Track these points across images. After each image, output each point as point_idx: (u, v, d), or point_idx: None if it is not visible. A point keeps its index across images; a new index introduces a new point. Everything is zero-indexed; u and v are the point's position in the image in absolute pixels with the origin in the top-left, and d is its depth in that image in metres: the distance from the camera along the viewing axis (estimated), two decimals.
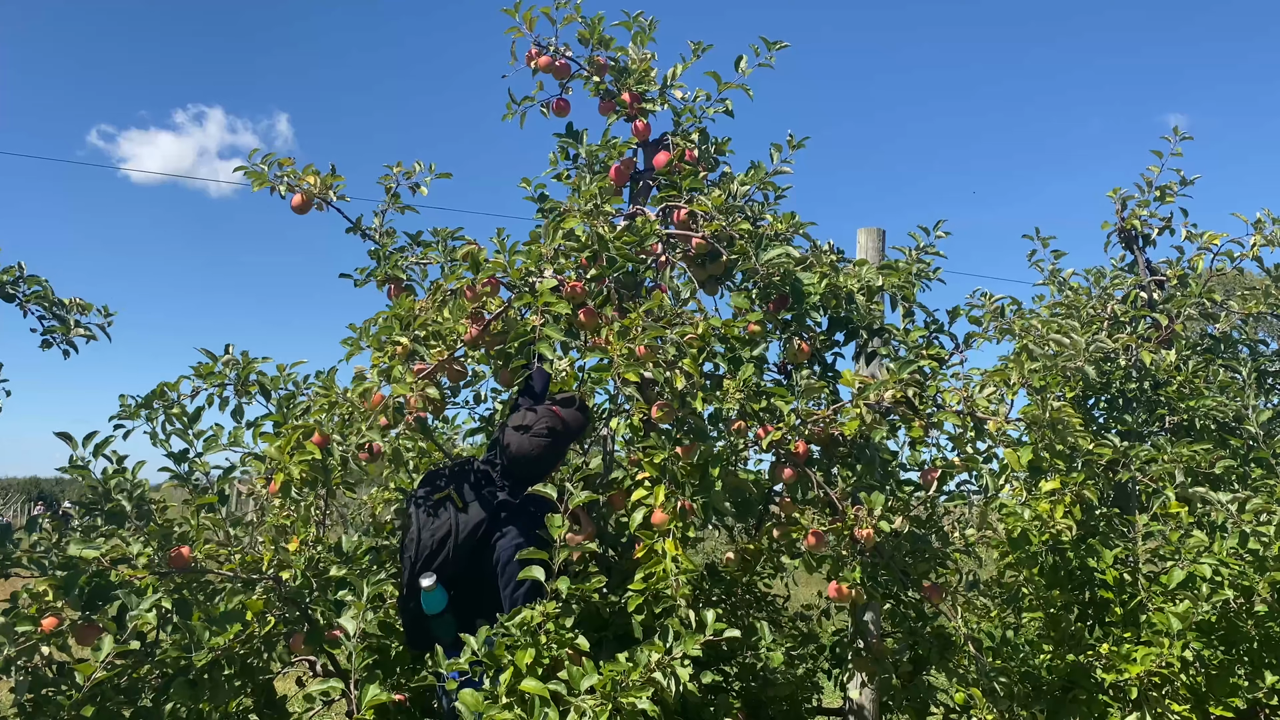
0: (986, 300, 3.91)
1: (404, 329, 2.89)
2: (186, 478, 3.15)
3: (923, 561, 3.40)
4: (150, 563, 2.92)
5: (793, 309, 3.26)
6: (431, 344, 2.91)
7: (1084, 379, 4.03)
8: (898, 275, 3.37)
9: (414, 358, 2.90)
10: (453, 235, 3.48)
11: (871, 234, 4.11)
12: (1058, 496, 3.52)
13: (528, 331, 2.82)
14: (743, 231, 3.16)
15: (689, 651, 2.41)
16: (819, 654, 3.99)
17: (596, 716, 2.29)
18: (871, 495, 3.03)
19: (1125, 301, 4.40)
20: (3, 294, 3.23)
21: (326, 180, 3.45)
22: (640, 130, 3.61)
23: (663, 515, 2.76)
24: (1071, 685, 3.75)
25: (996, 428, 3.06)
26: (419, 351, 2.88)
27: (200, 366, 3.22)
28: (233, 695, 3.15)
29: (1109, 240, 4.66)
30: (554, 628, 2.53)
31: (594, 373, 2.81)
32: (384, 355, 2.85)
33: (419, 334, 2.88)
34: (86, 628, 2.82)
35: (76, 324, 3.26)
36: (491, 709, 2.34)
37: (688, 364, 2.82)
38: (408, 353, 2.86)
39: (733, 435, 3.02)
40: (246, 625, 3.07)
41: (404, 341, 2.84)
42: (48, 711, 2.69)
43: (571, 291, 2.92)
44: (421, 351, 2.88)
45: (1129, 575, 3.88)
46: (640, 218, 3.22)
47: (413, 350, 2.87)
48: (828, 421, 3.09)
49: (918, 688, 3.72)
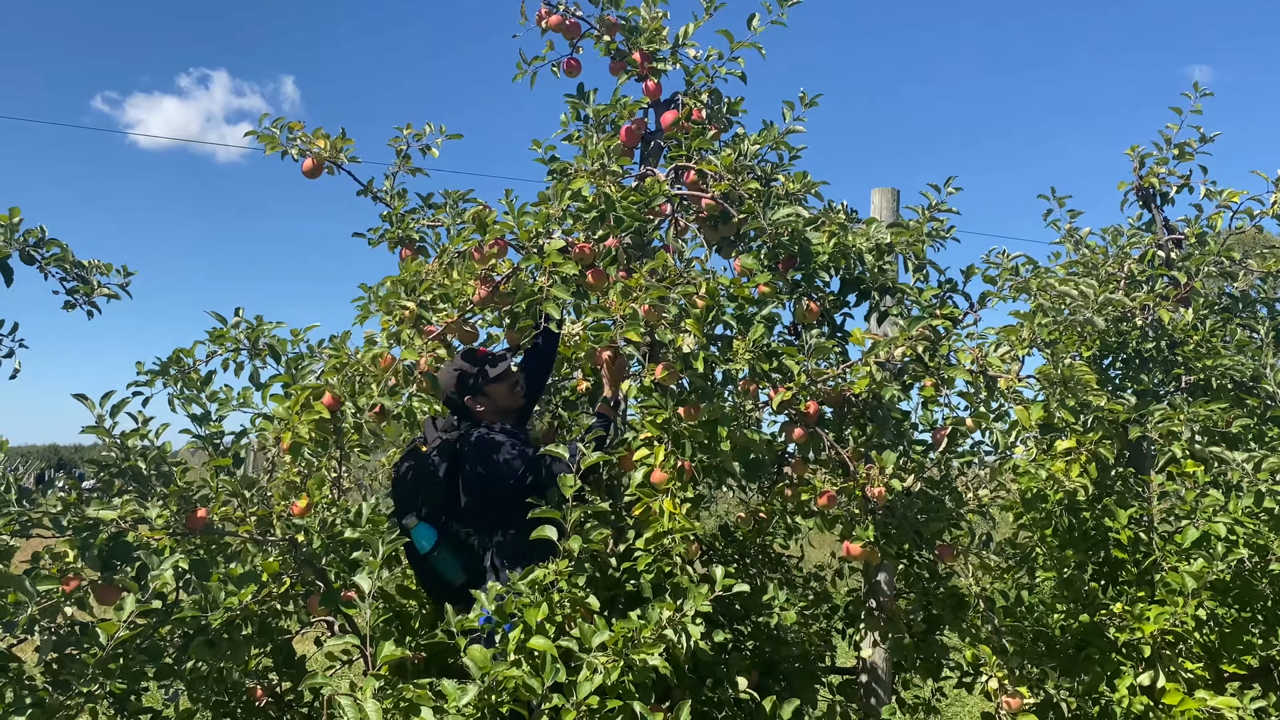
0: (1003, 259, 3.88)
1: (409, 293, 2.90)
2: (206, 440, 3.18)
3: (936, 521, 3.40)
4: (167, 524, 2.96)
5: (802, 268, 3.24)
6: (439, 307, 2.91)
7: (1100, 338, 4.01)
8: (909, 233, 3.35)
9: (421, 321, 2.91)
10: (463, 197, 3.48)
11: (886, 194, 4.07)
12: (1073, 456, 3.52)
13: (535, 292, 2.82)
14: (751, 191, 3.14)
15: (699, 608, 2.43)
16: (832, 614, 4.01)
17: (609, 673, 2.32)
18: (883, 454, 3.03)
19: (1142, 260, 4.35)
20: (25, 257, 3.26)
21: (336, 144, 3.45)
22: (651, 90, 3.58)
23: (662, 474, 2.78)
24: (1085, 644, 3.76)
25: (1008, 385, 3.05)
26: (425, 315, 2.89)
27: (214, 331, 3.24)
28: (251, 654, 3.21)
29: (1126, 199, 4.60)
30: (566, 586, 2.55)
31: (594, 332, 2.81)
32: (392, 319, 2.86)
33: (425, 298, 2.89)
34: (107, 588, 2.87)
35: (99, 284, 3.30)
36: (499, 666, 2.36)
37: (690, 324, 2.82)
38: (414, 317, 2.87)
39: (741, 396, 3.02)
40: (263, 586, 3.11)
41: (410, 306, 2.85)
42: (72, 670, 2.74)
43: (580, 253, 2.92)
44: (428, 315, 2.89)
45: (1143, 535, 3.87)
46: (649, 178, 3.20)
47: (419, 314, 2.88)
48: (838, 380, 3.08)
49: (931, 646, 3.74)
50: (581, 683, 2.31)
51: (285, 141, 3.44)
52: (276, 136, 3.42)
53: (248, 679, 3.28)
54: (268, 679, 3.34)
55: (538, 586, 2.54)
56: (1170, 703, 3.43)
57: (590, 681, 2.31)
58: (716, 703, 3.10)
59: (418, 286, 2.91)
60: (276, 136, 3.42)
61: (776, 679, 3.49)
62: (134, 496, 2.96)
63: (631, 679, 2.36)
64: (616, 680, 2.31)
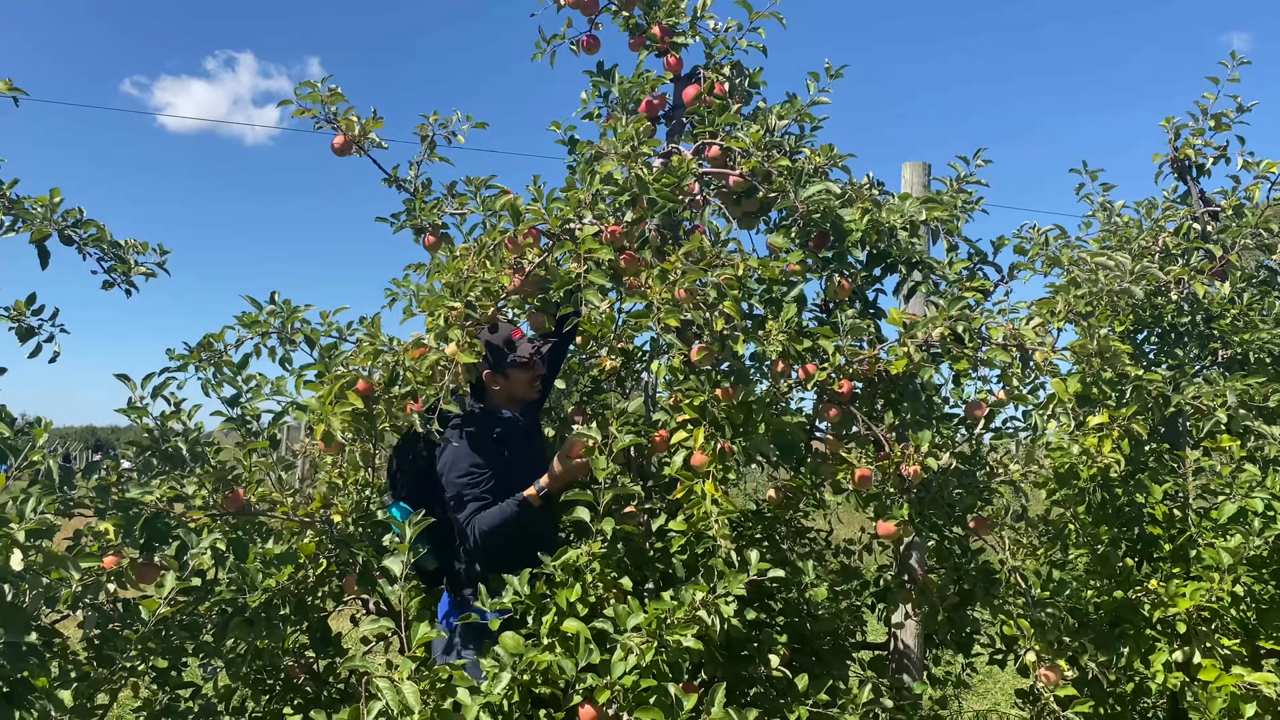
0: (1034, 233, 3.84)
1: (455, 294, 2.90)
2: (240, 422, 3.21)
3: (969, 496, 3.38)
4: (205, 504, 3.01)
5: (834, 247, 3.22)
6: (484, 303, 2.93)
7: (1134, 312, 3.96)
8: (943, 209, 3.32)
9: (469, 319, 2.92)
10: (485, 184, 3.46)
11: (916, 168, 4.03)
12: (1106, 431, 3.49)
13: (572, 279, 2.81)
14: (781, 168, 3.11)
15: (733, 590, 2.44)
16: (863, 589, 4.01)
17: (643, 653, 2.33)
18: (919, 432, 3.02)
19: (1177, 233, 4.28)
20: (63, 238, 3.31)
21: (366, 124, 3.45)
22: (673, 66, 3.54)
23: (702, 457, 2.77)
24: (1119, 621, 3.74)
25: (1043, 358, 3.02)
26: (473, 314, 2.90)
27: (244, 316, 3.26)
28: (289, 633, 3.26)
29: (1160, 171, 4.53)
30: (599, 567, 2.57)
31: (633, 318, 2.80)
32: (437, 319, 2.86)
33: (470, 297, 2.90)
34: (147, 566, 2.92)
35: (136, 263, 3.34)
36: (531, 652, 2.38)
37: (728, 306, 2.80)
38: (462, 315, 2.88)
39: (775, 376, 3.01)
40: (300, 566, 3.16)
41: (458, 307, 2.86)
42: (115, 645, 2.80)
43: (611, 236, 2.91)
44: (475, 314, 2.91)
45: (1178, 511, 3.84)
46: (676, 157, 3.18)
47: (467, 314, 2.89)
48: (873, 360, 3.06)
49: (962, 622, 3.73)
50: (616, 663, 2.33)
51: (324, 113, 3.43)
52: (315, 109, 3.42)
53: (285, 657, 3.33)
54: (305, 657, 3.39)
55: (571, 568, 2.56)
56: (1206, 679, 3.41)
57: (624, 662, 2.32)
58: (749, 680, 3.12)
59: (463, 286, 2.91)
60: (315, 109, 3.42)
61: (808, 655, 3.50)
62: (172, 477, 3.01)
63: (665, 659, 2.37)
64: (651, 661, 2.33)
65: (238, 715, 3.23)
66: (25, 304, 3.46)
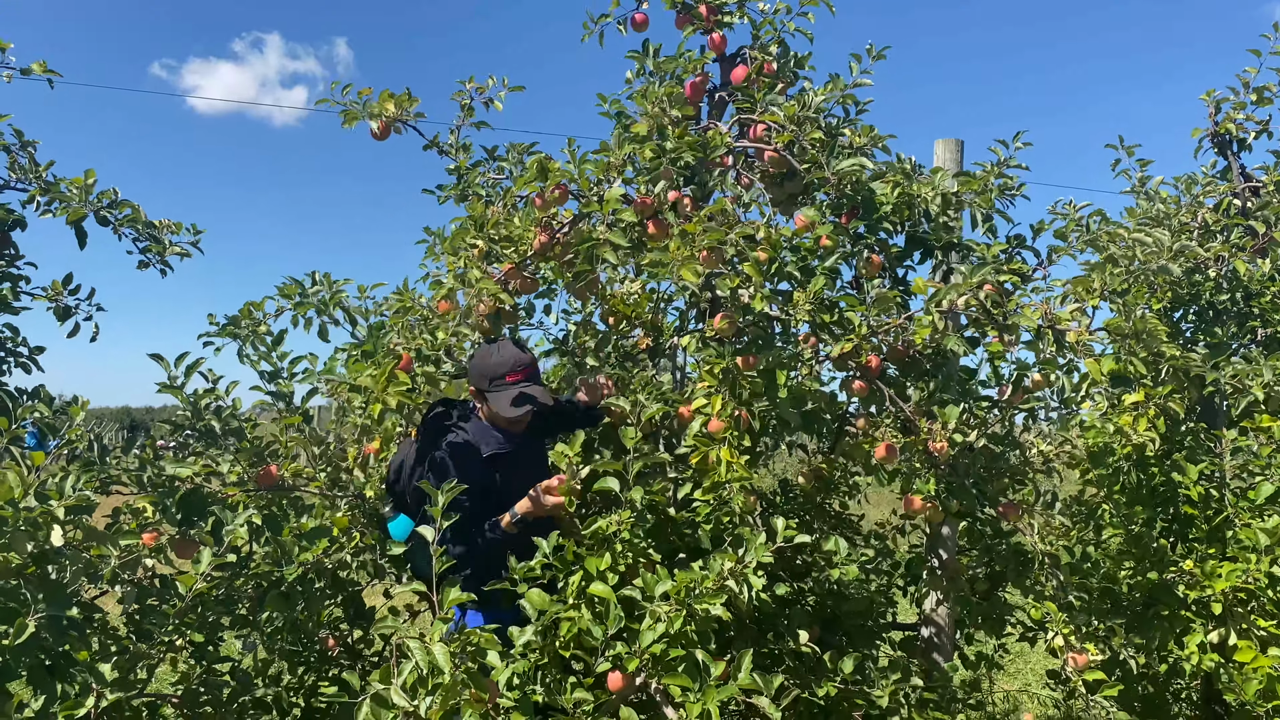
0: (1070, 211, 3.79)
1: (479, 230, 2.92)
2: (276, 397, 3.25)
3: (1000, 478, 3.36)
4: (240, 480, 3.05)
5: (864, 220, 3.20)
6: (505, 247, 2.93)
7: (1171, 290, 3.91)
8: (975, 183, 3.28)
9: (490, 258, 2.93)
10: (528, 150, 3.49)
11: (949, 145, 3.98)
12: (1141, 410, 3.45)
13: (592, 239, 2.82)
14: (815, 141, 3.10)
15: (760, 559, 2.44)
16: (893, 570, 4.00)
17: (671, 621, 2.34)
18: (946, 408, 3.00)
19: (1217, 210, 4.21)
20: (100, 219, 3.37)
21: (402, 102, 3.47)
22: (716, 43, 3.53)
23: (719, 423, 2.78)
24: (1153, 601, 3.70)
25: (1078, 338, 2.99)
26: (495, 251, 2.91)
27: (284, 287, 3.30)
28: (324, 606, 3.30)
29: (1200, 146, 4.45)
30: (629, 536, 2.58)
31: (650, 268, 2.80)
32: (459, 260, 2.88)
33: (493, 235, 2.91)
34: (184, 542, 2.96)
35: (170, 243, 3.40)
36: (555, 607, 2.40)
37: (748, 268, 2.80)
38: (483, 253, 2.89)
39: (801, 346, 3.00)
40: (334, 540, 3.20)
41: (480, 244, 2.87)
42: (153, 620, 2.85)
43: (641, 205, 2.91)
44: (497, 251, 2.91)
45: (1214, 491, 3.79)
46: (712, 130, 3.17)
47: (489, 250, 2.90)
48: (900, 331, 3.04)
49: (994, 604, 3.71)
50: (644, 631, 2.35)
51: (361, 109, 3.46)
52: (356, 110, 3.44)
53: (320, 630, 3.37)
54: (339, 630, 3.43)
55: (600, 537, 2.57)
56: (1242, 660, 3.37)
57: (653, 630, 2.34)
58: (777, 655, 3.12)
59: (485, 224, 2.93)
60: (356, 110, 3.44)
61: (837, 634, 3.49)
62: (208, 455, 3.05)
63: (694, 628, 2.38)
64: (679, 629, 2.34)
65: (274, 687, 3.28)
66: (62, 284, 3.53)
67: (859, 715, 2.93)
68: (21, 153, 3.34)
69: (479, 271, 2.84)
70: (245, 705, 3.12)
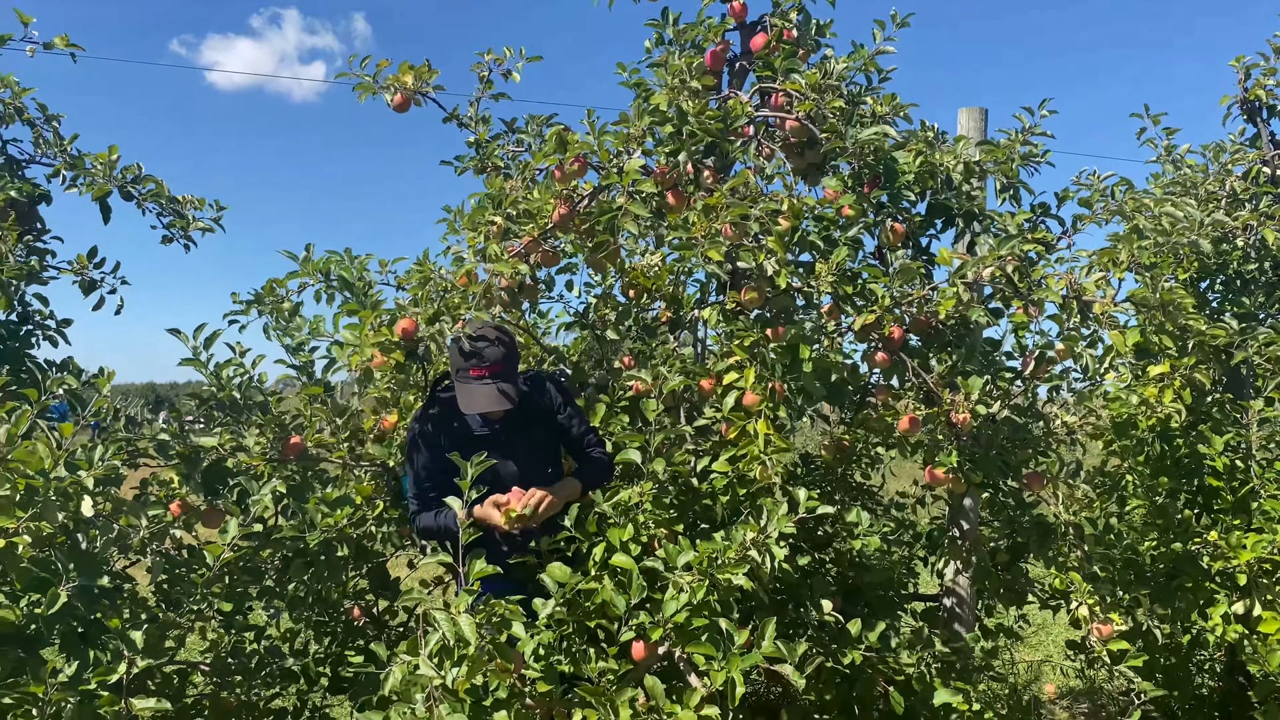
0: (1095, 180, 3.74)
1: (496, 207, 2.92)
2: (300, 370, 3.28)
3: (1022, 449, 3.35)
4: (265, 451, 3.08)
5: (886, 188, 3.17)
6: (523, 222, 2.93)
7: (1199, 259, 3.86)
8: (999, 151, 3.24)
9: (509, 235, 2.93)
10: (546, 122, 3.49)
11: (973, 114, 3.94)
12: (1166, 381, 3.42)
13: (613, 210, 2.82)
14: (836, 109, 3.07)
15: (783, 529, 2.44)
16: (915, 541, 4.00)
17: (694, 591, 2.36)
18: (969, 379, 2.99)
19: (1246, 178, 4.15)
20: (124, 194, 3.39)
21: (421, 73, 3.46)
22: (737, 11, 3.48)
23: (754, 396, 2.77)
24: (1177, 573, 3.69)
25: (1103, 310, 2.96)
26: (512, 229, 2.91)
27: (308, 264, 3.31)
28: (348, 576, 3.34)
29: (1229, 113, 4.39)
30: (650, 507, 2.59)
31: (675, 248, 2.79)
32: (478, 235, 2.88)
33: (511, 212, 2.91)
34: (212, 512, 3.00)
35: (194, 219, 3.42)
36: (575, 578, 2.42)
37: (772, 242, 2.78)
38: (502, 230, 2.89)
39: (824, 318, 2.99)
40: (357, 509, 3.23)
41: (498, 220, 2.87)
42: (181, 589, 2.89)
43: (661, 176, 2.90)
44: (514, 229, 2.91)
45: (1240, 462, 3.76)
46: (732, 100, 3.14)
47: (506, 228, 2.90)
48: (923, 302, 3.03)
49: (1015, 575, 3.71)
50: (667, 601, 2.36)
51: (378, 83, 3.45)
52: (370, 82, 3.43)
53: (346, 600, 3.41)
54: (365, 600, 3.47)
55: (622, 508, 2.58)
56: (1267, 631, 3.36)
57: (676, 600, 2.35)
58: (800, 625, 3.13)
59: (503, 200, 2.92)
60: (370, 82, 3.43)
61: (859, 604, 3.50)
62: (232, 424, 3.08)
63: (716, 598, 2.39)
64: (702, 599, 2.35)
65: (301, 657, 3.33)
66: (87, 258, 3.55)
67: (883, 682, 2.94)
68: (46, 127, 3.36)
69: (498, 247, 2.83)
70: (273, 674, 3.16)
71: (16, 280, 3.30)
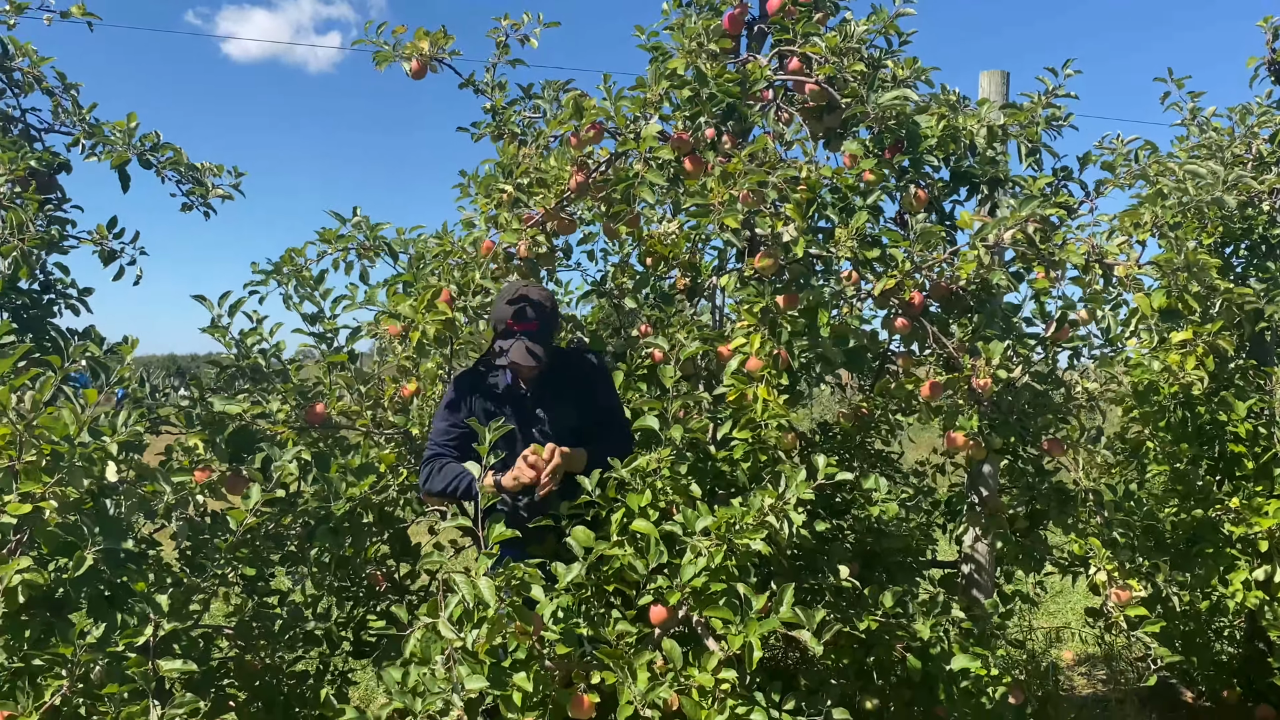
0: (1118, 144, 3.70)
1: (507, 176, 2.92)
2: (320, 338, 3.30)
3: (1042, 415, 3.33)
4: (288, 418, 3.11)
5: (909, 153, 3.15)
6: (535, 191, 2.92)
7: (1224, 224, 3.82)
8: (1022, 115, 3.20)
9: (519, 205, 2.92)
10: (563, 88, 3.47)
11: (995, 77, 3.88)
12: (1189, 348, 3.39)
13: (630, 177, 2.80)
14: (856, 73, 3.04)
15: (801, 495, 2.45)
16: (933, 509, 4.00)
17: (712, 556, 2.37)
18: (990, 344, 2.97)
19: (1273, 141, 4.09)
20: (143, 162, 3.40)
21: (437, 40, 3.44)
22: None
23: (757, 362, 2.76)
24: (1197, 539, 3.68)
25: (1126, 272, 2.93)
26: (522, 199, 2.90)
27: (324, 231, 3.32)
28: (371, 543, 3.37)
29: (1256, 75, 4.31)
30: (669, 473, 2.60)
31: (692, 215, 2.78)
32: (491, 203, 2.88)
33: (523, 181, 2.90)
34: (235, 478, 3.03)
35: (213, 186, 3.43)
36: (601, 545, 2.43)
37: (790, 209, 2.76)
38: (512, 199, 2.89)
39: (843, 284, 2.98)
40: (380, 477, 3.25)
41: (508, 189, 2.87)
42: (205, 554, 2.92)
43: (678, 141, 2.88)
44: (524, 198, 2.90)
45: (1263, 428, 3.74)
46: (751, 64, 3.11)
47: (517, 197, 2.89)
48: (945, 266, 3.01)
49: (1034, 542, 3.71)
50: (685, 565, 2.37)
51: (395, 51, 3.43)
52: (388, 50, 3.41)
53: (368, 565, 3.44)
54: (386, 565, 3.50)
55: (640, 473, 2.59)
56: None
57: (694, 564, 2.36)
58: (817, 591, 3.14)
59: (514, 170, 2.92)
60: (388, 50, 3.41)
61: (877, 571, 3.51)
62: (254, 392, 3.10)
63: (734, 563, 2.40)
64: (720, 564, 2.36)
65: (323, 622, 3.36)
66: (107, 227, 3.57)
67: (900, 648, 2.95)
68: (64, 96, 3.36)
69: (508, 215, 2.83)
70: (296, 637, 3.20)
71: (37, 249, 3.32)
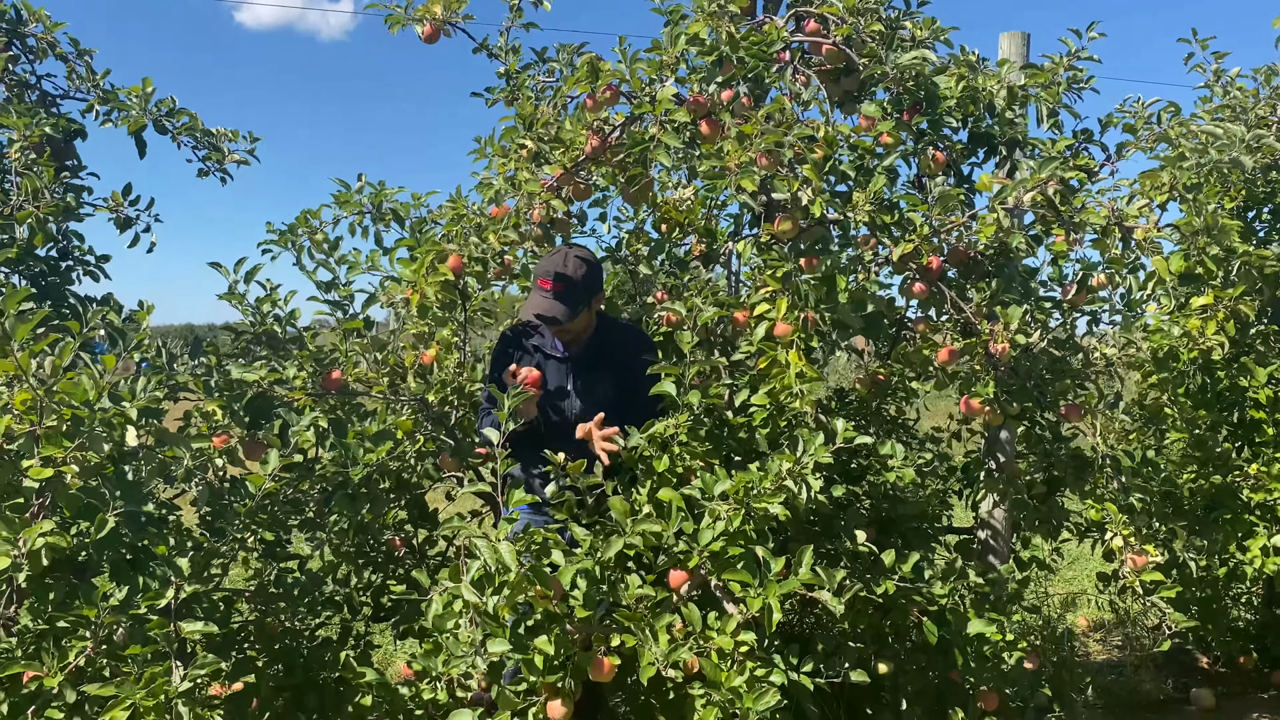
0: (1139, 107, 3.64)
1: (528, 129, 2.90)
2: (334, 305, 3.30)
3: (1060, 381, 3.31)
4: (305, 385, 3.12)
5: (927, 114, 3.11)
6: (555, 148, 2.91)
7: (1246, 189, 3.77)
8: (1043, 75, 3.16)
9: (539, 160, 2.91)
10: (577, 51, 3.44)
11: (1015, 39, 3.83)
12: (1209, 313, 3.36)
13: (645, 140, 2.78)
14: (875, 33, 3.00)
15: (819, 459, 2.44)
16: (950, 475, 3.99)
17: (730, 520, 2.37)
18: (1008, 309, 2.95)
19: None
20: (158, 127, 3.40)
21: (450, 3, 3.41)
22: None
23: (786, 327, 2.75)
24: (1215, 505, 3.66)
25: (1145, 235, 2.90)
26: (543, 152, 2.89)
27: (339, 195, 3.31)
28: (389, 508, 3.39)
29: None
30: (685, 438, 2.60)
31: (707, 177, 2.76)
32: (509, 161, 2.87)
33: (543, 134, 2.89)
34: (253, 444, 3.05)
35: (229, 151, 3.42)
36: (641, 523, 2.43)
37: (808, 170, 2.74)
38: (532, 154, 2.87)
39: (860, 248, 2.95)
40: (398, 443, 3.26)
41: (528, 144, 2.85)
42: (224, 519, 2.94)
43: (694, 104, 2.85)
44: (545, 152, 2.89)
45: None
46: (768, 25, 3.08)
47: (537, 151, 2.88)
48: (963, 229, 2.98)
49: (1051, 509, 3.70)
50: (704, 529, 2.38)
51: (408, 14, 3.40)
52: (400, 14, 3.38)
53: (386, 531, 3.46)
54: (404, 531, 3.52)
55: (657, 440, 2.59)
56: None
57: (712, 529, 2.37)
58: (834, 555, 3.15)
59: (535, 123, 2.90)
60: (400, 14, 3.38)
61: (893, 536, 3.51)
62: (272, 359, 3.11)
63: (752, 527, 2.41)
64: (738, 528, 2.37)
65: (342, 587, 3.39)
66: (122, 194, 3.57)
67: (916, 613, 2.95)
68: (79, 62, 3.35)
69: (528, 174, 2.81)
70: (316, 601, 3.23)
71: (54, 216, 3.33)
